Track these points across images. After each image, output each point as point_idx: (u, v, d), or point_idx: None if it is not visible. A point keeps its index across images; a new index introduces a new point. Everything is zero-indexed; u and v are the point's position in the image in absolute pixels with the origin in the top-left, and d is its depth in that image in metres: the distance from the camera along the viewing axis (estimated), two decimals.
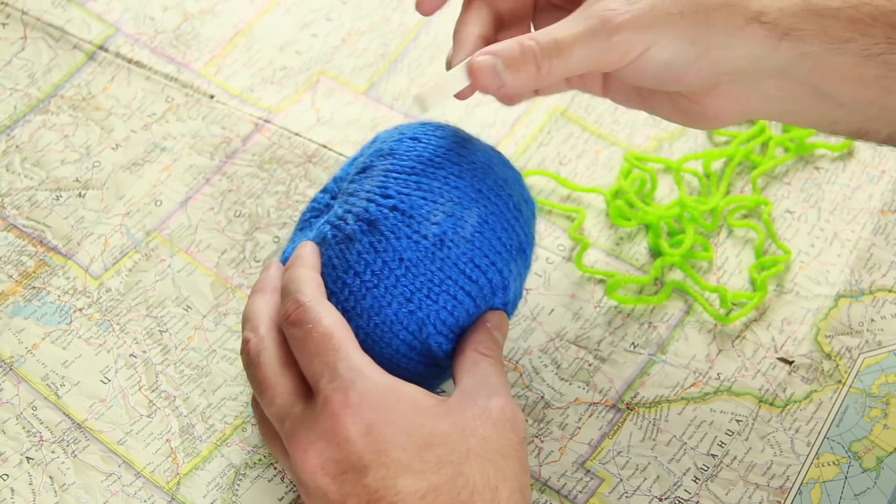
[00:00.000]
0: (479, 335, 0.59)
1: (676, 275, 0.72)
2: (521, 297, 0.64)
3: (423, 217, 0.58)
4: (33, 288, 0.72)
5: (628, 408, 0.67)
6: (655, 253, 0.73)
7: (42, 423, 0.67)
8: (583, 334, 0.70)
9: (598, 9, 0.56)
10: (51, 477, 0.65)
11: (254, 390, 0.58)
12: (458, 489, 0.52)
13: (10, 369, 0.69)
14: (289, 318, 0.57)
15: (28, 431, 0.67)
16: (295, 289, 0.58)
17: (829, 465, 0.64)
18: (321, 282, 0.59)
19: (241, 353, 0.59)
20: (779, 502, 0.63)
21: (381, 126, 0.80)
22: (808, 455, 0.65)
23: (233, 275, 0.73)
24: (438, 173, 0.60)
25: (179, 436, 0.66)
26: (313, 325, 0.56)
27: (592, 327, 0.70)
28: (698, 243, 0.73)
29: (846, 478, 0.64)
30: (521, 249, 0.61)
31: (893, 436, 0.65)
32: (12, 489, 0.64)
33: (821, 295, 0.71)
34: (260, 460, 0.66)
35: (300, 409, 0.55)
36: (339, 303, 0.59)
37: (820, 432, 0.66)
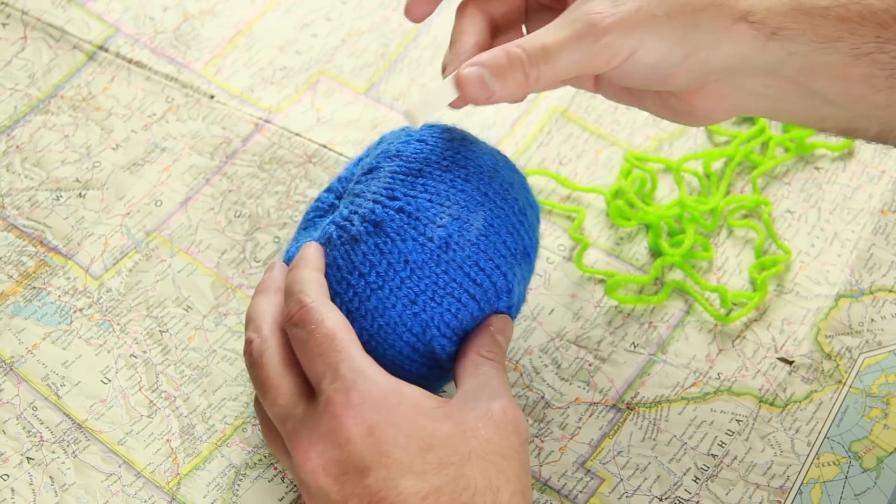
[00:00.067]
0: (482, 338, 0.59)
1: (677, 275, 0.72)
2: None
3: (429, 220, 0.58)
4: (33, 288, 0.72)
5: (628, 408, 0.67)
6: (655, 253, 0.73)
7: (42, 423, 0.67)
8: (583, 334, 0.70)
9: (583, 12, 0.55)
10: (51, 477, 0.65)
11: (256, 390, 0.58)
12: (460, 490, 0.52)
13: (11, 369, 0.69)
14: (292, 319, 0.57)
15: (28, 432, 0.67)
16: (298, 289, 0.58)
17: (829, 465, 0.64)
18: (324, 283, 0.59)
19: (244, 353, 0.59)
20: (779, 502, 0.63)
21: (381, 126, 0.80)
22: (808, 455, 0.65)
23: (233, 275, 0.73)
24: (445, 176, 0.59)
25: (180, 436, 0.66)
26: (316, 326, 0.56)
27: (593, 327, 0.70)
28: (698, 243, 0.73)
29: (846, 478, 0.64)
30: (525, 253, 0.61)
31: (894, 436, 0.65)
32: (12, 489, 0.64)
33: (821, 295, 0.71)
34: (260, 460, 0.66)
35: (302, 409, 0.55)
36: (343, 304, 0.59)
37: (820, 432, 0.66)
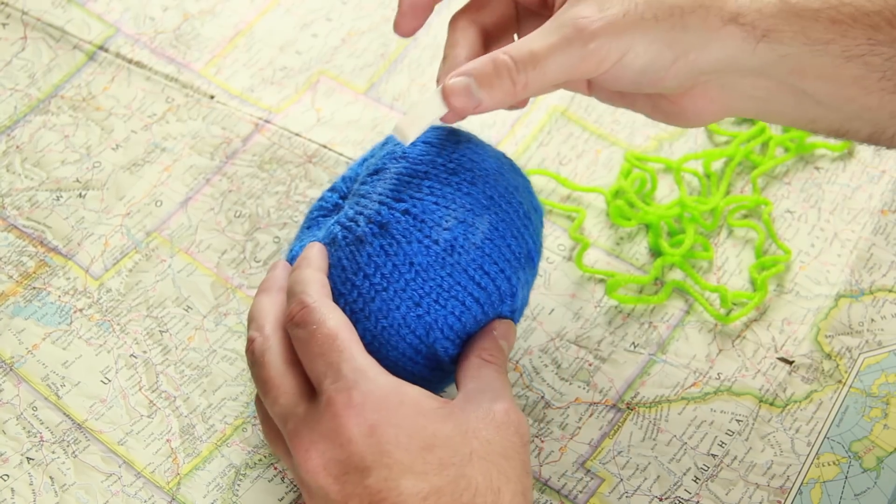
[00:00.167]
0: (485, 342, 0.59)
1: (677, 275, 0.72)
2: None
3: (435, 222, 0.58)
4: (34, 288, 0.72)
5: (628, 408, 0.67)
6: (656, 253, 0.73)
7: (42, 423, 0.67)
8: (583, 334, 0.70)
9: (571, 17, 0.55)
10: (51, 477, 0.65)
11: (258, 389, 0.58)
12: (461, 491, 0.52)
13: (11, 370, 0.69)
14: (293, 319, 0.57)
15: (28, 432, 0.67)
16: (300, 290, 0.58)
17: (829, 465, 0.64)
18: (327, 283, 0.59)
19: (246, 351, 0.59)
20: (779, 502, 0.63)
21: (381, 126, 0.80)
22: (808, 455, 0.65)
23: (233, 275, 0.73)
24: (452, 179, 0.59)
25: (180, 436, 0.66)
26: (317, 326, 0.56)
27: (593, 327, 0.70)
28: (698, 243, 0.73)
29: (846, 478, 0.64)
30: (529, 258, 0.61)
31: (894, 436, 0.65)
32: (13, 489, 0.64)
33: (821, 295, 0.71)
34: (260, 460, 0.66)
35: (303, 409, 0.55)
36: (347, 304, 0.59)
37: (820, 432, 0.66)
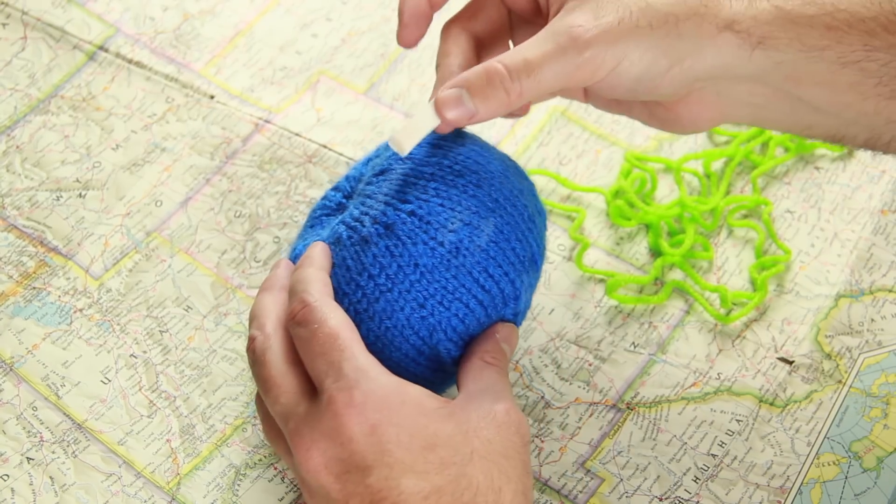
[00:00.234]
0: (487, 344, 0.59)
1: (677, 275, 0.72)
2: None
3: (441, 224, 0.58)
4: (34, 288, 0.72)
5: (628, 408, 0.67)
6: (656, 253, 0.73)
7: (42, 423, 0.67)
8: (583, 334, 0.70)
9: (565, 25, 0.55)
10: (51, 477, 0.65)
11: (259, 388, 0.58)
12: (462, 490, 0.52)
13: (11, 370, 0.69)
14: (294, 318, 0.57)
15: (28, 432, 0.67)
16: (302, 289, 0.58)
17: (829, 465, 0.64)
18: (329, 282, 0.59)
19: (247, 350, 0.59)
20: (779, 502, 0.63)
21: (381, 126, 0.80)
22: (808, 455, 0.65)
23: (233, 275, 0.73)
24: (458, 181, 0.59)
25: (180, 436, 0.66)
26: (319, 326, 0.56)
27: (593, 327, 0.70)
28: (698, 243, 0.73)
29: (846, 478, 0.64)
30: (533, 261, 0.61)
31: (894, 436, 0.65)
32: (13, 489, 0.64)
33: (821, 295, 0.71)
34: (260, 460, 0.66)
35: (304, 407, 0.55)
36: (351, 304, 0.59)
37: (820, 432, 0.66)
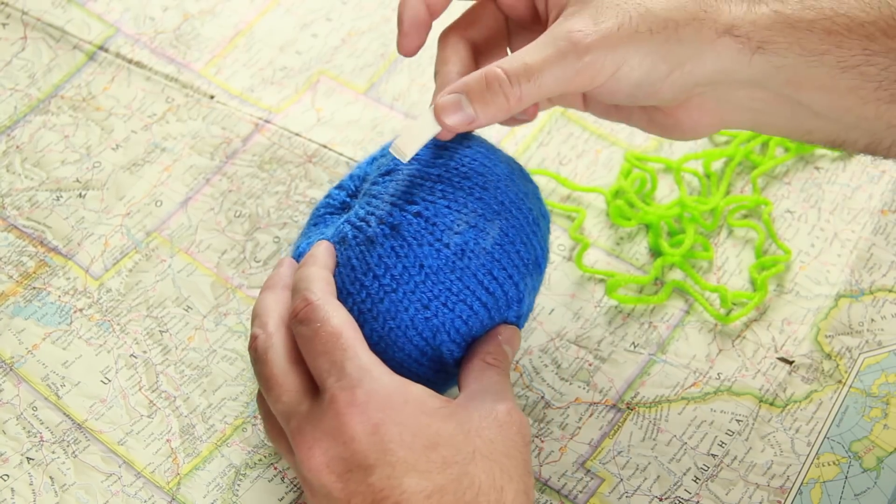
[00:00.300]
0: (489, 346, 0.59)
1: (677, 275, 0.72)
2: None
3: (447, 226, 0.58)
4: (34, 288, 0.72)
5: (629, 408, 0.67)
6: (655, 253, 0.73)
7: (42, 423, 0.67)
8: (583, 334, 0.70)
9: (565, 30, 0.55)
10: (51, 477, 0.65)
11: (261, 387, 0.58)
12: (464, 489, 0.52)
13: (11, 370, 0.69)
14: (297, 316, 0.57)
15: (28, 432, 0.67)
16: (304, 287, 0.58)
17: (829, 465, 0.64)
18: (332, 281, 0.59)
19: (249, 349, 0.59)
20: (779, 502, 0.63)
21: (381, 126, 0.80)
22: (808, 455, 0.65)
23: (233, 275, 0.73)
24: (464, 183, 0.59)
25: (180, 436, 0.66)
26: (321, 324, 0.56)
27: (593, 327, 0.70)
28: (698, 243, 0.73)
29: (846, 478, 0.64)
30: (536, 263, 0.61)
31: (893, 436, 0.65)
32: (13, 489, 0.64)
33: (821, 295, 0.71)
34: (260, 460, 0.66)
35: (306, 406, 0.55)
36: (355, 304, 0.59)
37: (820, 432, 0.66)
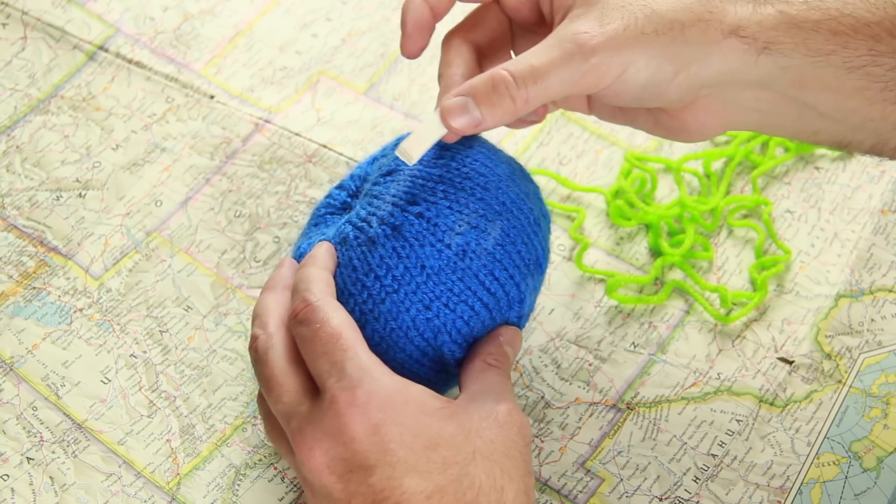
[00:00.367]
0: (490, 347, 0.59)
1: (677, 275, 0.72)
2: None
3: (448, 226, 0.58)
4: (34, 288, 0.72)
5: (628, 408, 0.67)
6: (655, 253, 0.73)
7: (42, 423, 0.67)
8: (583, 334, 0.70)
9: (571, 32, 0.55)
10: (51, 477, 0.65)
11: (261, 387, 0.58)
12: (464, 490, 0.52)
13: (11, 370, 0.69)
14: (297, 317, 0.57)
15: (28, 432, 0.67)
16: (304, 287, 0.58)
17: (829, 464, 0.64)
18: (332, 282, 0.59)
19: (250, 349, 0.59)
20: (779, 502, 0.63)
21: (381, 126, 0.80)
22: (808, 455, 0.65)
23: (233, 275, 0.73)
24: (465, 184, 0.59)
25: (180, 436, 0.66)
26: (321, 325, 0.56)
27: (592, 327, 0.70)
28: (698, 243, 0.73)
29: (846, 478, 0.64)
30: (537, 264, 0.61)
31: (894, 436, 0.65)
32: (12, 489, 0.64)
33: (821, 295, 0.71)
34: (260, 460, 0.66)
35: (307, 407, 0.55)
36: (356, 305, 0.59)
37: (820, 432, 0.66)
